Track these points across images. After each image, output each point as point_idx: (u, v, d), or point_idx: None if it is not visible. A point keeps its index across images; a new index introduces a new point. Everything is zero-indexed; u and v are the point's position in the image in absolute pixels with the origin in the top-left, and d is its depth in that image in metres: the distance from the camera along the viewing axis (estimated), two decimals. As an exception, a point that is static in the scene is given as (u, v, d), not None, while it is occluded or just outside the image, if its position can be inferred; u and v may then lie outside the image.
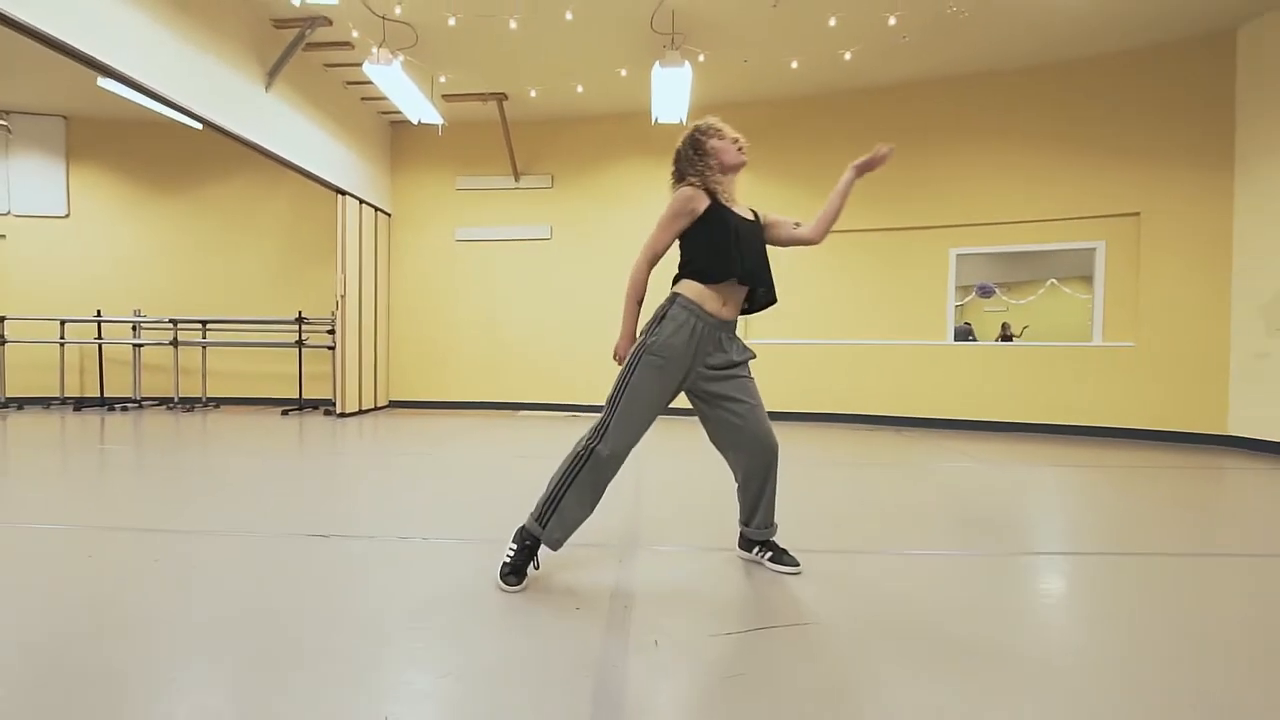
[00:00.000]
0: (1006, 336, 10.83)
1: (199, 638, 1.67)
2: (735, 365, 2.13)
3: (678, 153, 2.19)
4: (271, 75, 5.37)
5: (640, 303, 2.13)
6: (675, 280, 2.14)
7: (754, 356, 2.21)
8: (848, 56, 5.41)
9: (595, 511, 2.06)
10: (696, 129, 2.18)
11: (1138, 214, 5.76)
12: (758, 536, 2.23)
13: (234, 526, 2.66)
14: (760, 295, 2.22)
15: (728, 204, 2.14)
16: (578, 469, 1.98)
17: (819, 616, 1.84)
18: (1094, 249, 5.98)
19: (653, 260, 2.12)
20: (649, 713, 1.37)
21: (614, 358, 2.14)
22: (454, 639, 1.69)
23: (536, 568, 2.04)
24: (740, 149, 2.21)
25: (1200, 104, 5.49)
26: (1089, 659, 1.62)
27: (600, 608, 1.88)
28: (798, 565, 2.15)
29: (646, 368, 2.01)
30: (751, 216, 2.23)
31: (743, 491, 2.21)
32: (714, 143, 2.15)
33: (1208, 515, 3.21)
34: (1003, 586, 2.13)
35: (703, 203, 2.08)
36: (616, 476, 2.05)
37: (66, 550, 2.36)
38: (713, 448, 2.26)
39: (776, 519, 2.24)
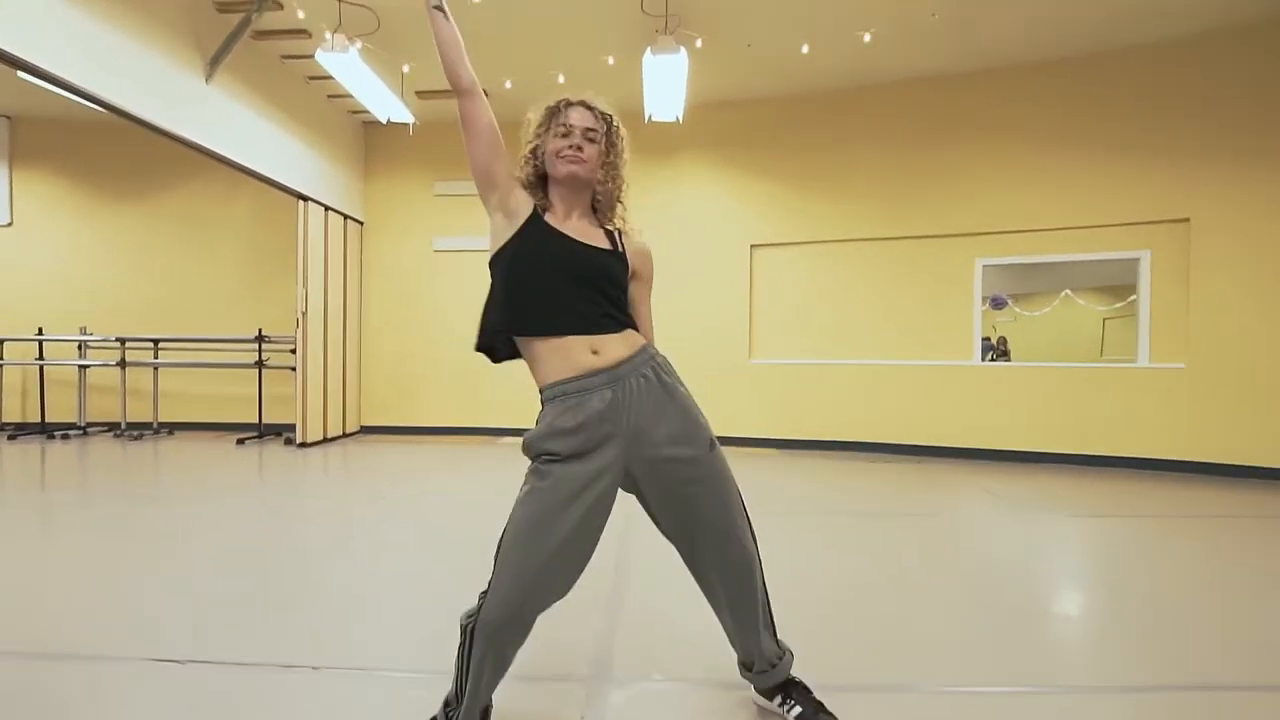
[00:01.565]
0: (1003, 352, 10.24)
1: None
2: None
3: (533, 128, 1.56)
4: (213, 65, 4.75)
5: None
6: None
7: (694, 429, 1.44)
8: (867, 39, 4.78)
9: (558, 621, 1.44)
10: (549, 110, 1.51)
11: (1187, 220, 5.14)
12: (766, 684, 1.56)
13: (101, 646, 2.02)
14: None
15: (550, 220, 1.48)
16: (472, 647, 1.34)
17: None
18: (1138, 259, 5.36)
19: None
20: None
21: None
22: None
23: None
24: (572, 153, 1.44)
25: (1259, 99, 4.88)
26: None
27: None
28: None
29: (536, 481, 1.41)
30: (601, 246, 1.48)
31: (722, 615, 1.55)
32: (551, 138, 1.48)
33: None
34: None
35: (521, 208, 1.49)
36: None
37: None
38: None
39: (785, 641, 1.59)
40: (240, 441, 6.25)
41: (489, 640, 1.30)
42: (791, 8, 4.63)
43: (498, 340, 1.50)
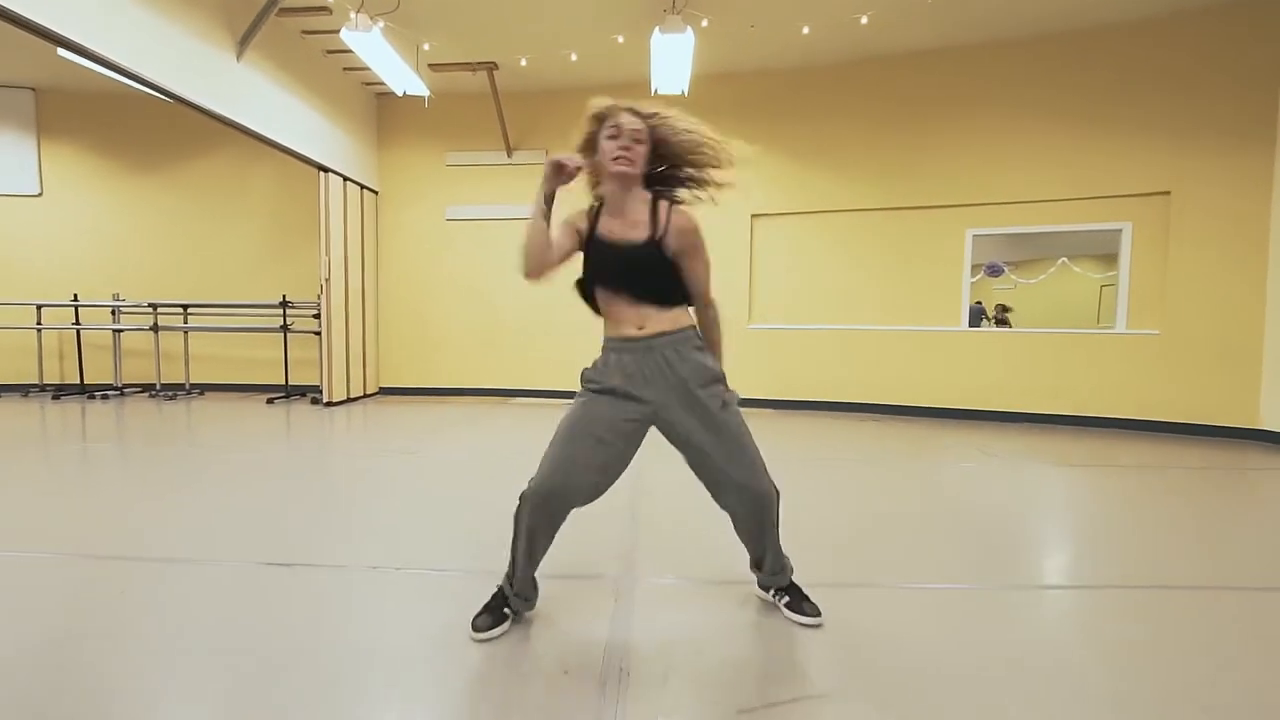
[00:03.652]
0: (1002, 320, 10.54)
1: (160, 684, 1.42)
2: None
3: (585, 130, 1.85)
4: (243, 44, 5.00)
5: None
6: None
7: (712, 379, 1.77)
8: (864, 21, 5.01)
9: (588, 534, 1.83)
10: (597, 116, 1.77)
11: (1168, 193, 5.41)
12: (767, 584, 1.96)
13: (206, 552, 2.40)
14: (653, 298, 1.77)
15: (606, 231, 1.78)
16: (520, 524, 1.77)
17: (831, 687, 1.58)
18: (1120, 230, 5.65)
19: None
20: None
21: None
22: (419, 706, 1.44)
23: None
24: (618, 155, 1.70)
25: (1238, 77, 5.10)
26: None
27: (592, 668, 1.62)
28: (818, 616, 1.85)
29: (583, 401, 1.80)
30: (643, 240, 1.73)
31: (739, 533, 1.92)
32: (601, 141, 1.75)
33: (1243, 533, 2.95)
34: (1016, 630, 1.87)
35: (580, 223, 1.82)
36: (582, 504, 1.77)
37: (28, 581, 2.11)
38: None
39: (790, 558, 1.96)
40: (270, 401, 6.64)
41: (535, 509, 1.69)
42: (792, -12, 4.85)
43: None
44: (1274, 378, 5.02)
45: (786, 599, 1.91)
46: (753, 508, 1.80)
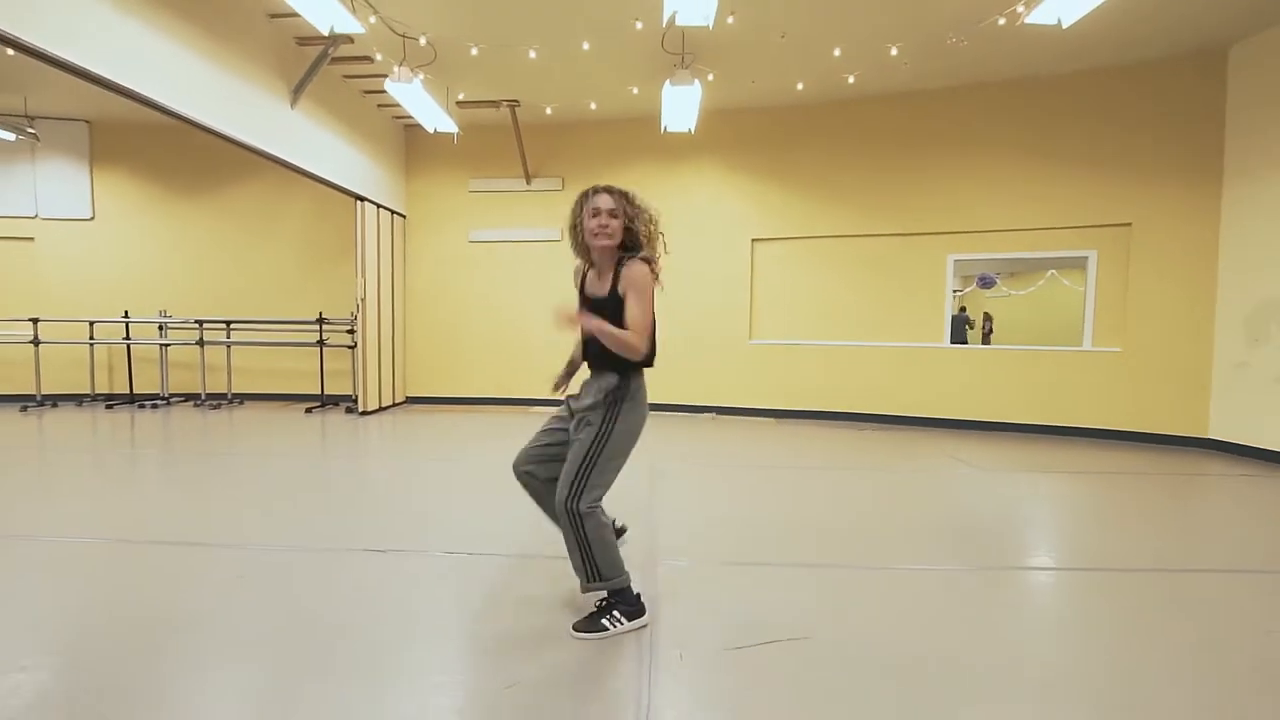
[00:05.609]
0: (989, 331, 11.07)
1: (283, 646, 1.98)
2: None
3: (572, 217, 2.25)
4: (296, 93, 5.58)
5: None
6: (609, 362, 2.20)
7: (586, 407, 2.23)
8: (851, 80, 5.62)
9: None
10: (580, 197, 2.21)
11: (1129, 224, 5.99)
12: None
13: (295, 541, 2.96)
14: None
15: (586, 284, 2.30)
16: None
17: (814, 631, 2.14)
18: (1086, 257, 6.22)
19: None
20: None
21: (565, 318, 2.13)
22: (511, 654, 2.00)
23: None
24: (598, 230, 2.13)
25: (1192, 119, 5.69)
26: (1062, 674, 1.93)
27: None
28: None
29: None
30: (606, 293, 2.19)
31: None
32: (585, 219, 2.19)
33: (1194, 525, 3.51)
34: (975, 603, 2.43)
35: (577, 279, 2.37)
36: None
37: (134, 566, 2.67)
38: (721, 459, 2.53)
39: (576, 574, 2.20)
40: (308, 410, 7.21)
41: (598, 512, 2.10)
42: (789, 56, 5.45)
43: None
44: (1222, 391, 5.58)
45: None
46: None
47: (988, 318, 10.84)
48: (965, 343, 7.81)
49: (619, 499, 2.36)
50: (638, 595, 2.20)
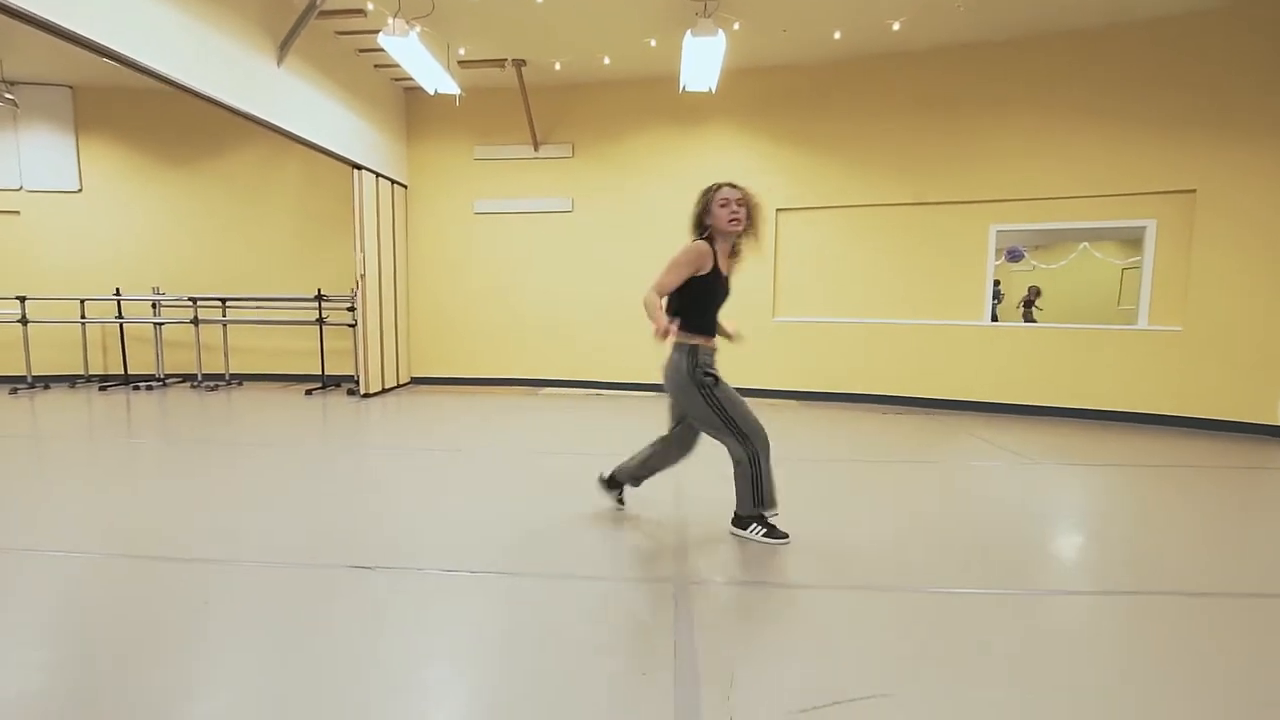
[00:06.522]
0: (1029, 301, 10.61)
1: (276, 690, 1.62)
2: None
3: (696, 207, 2.72)
4: (283, 49, 5.12)
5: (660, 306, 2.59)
6: (678, 320, 2.63)
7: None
8: (896, 27, 5.06)
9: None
10: (706, 191, 2.69)
11: (1193, 191, 5.45)
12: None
13: (278, 553, 2.61)
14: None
15: (719, 265, 2.66)
16: (762, 465, 2.67)
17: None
18: (1144, 227, 5.70)
19: (661, 295, 2.61)
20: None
21: (659, 335, 2.45)
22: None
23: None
24: (732, 218, 2.62)
25: (1265, 75, 5.11)
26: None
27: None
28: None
29: (719, 386, 2.68)
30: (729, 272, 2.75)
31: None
32: (715, 208, 2.65)
33: (1266, 537, 3.09)
34: (1016, 631, 2.04)
35: (708, 262, 2.62)
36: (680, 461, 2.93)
37: (95, 583, 2.32)
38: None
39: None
40: (308, 392, 6.87)
41: (768, 450, 2.69)
42: (826, -5, 4.90)
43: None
44: (1294, 375, 5.10)
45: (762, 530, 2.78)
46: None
47: (1034, 291, 10.35)
48: (995, 318, 7.33)
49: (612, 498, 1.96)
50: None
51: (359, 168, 6.45)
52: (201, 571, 2.45)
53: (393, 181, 7.17)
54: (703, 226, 2.68)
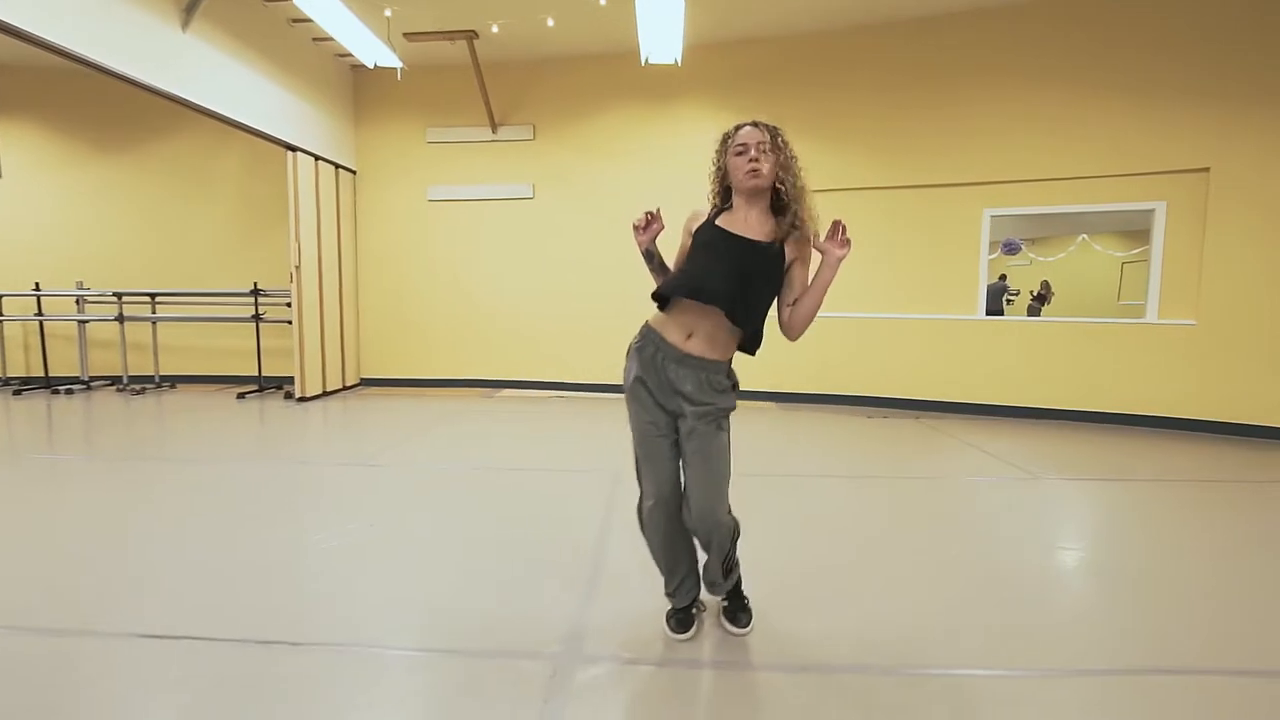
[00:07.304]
0: (1041, 296, 10.12)
1: None
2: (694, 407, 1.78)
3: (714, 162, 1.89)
4: (189, 11, 4.54)
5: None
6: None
7: (721, 407, 1.84)
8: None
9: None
10: (724, 137, 1.84)
11: (1206, 170, 4.93)
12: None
13: (177, 622, 2.05)
14: (738, 319, 1.78)
15: (726, 224, 1.79)
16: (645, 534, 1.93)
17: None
18: (1152, 210, 5.17)
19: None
20: None
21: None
22: None
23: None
24: (750, 167, 1.72)
25: (1292, 37, 4.59)
26: None
27: None
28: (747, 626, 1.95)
29: (629, 398, 1.86)
30: (766, 240, 1.78)
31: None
32: (731, 157, 1.79)
33: (1321, 566, 2.55)
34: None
35: (695, 223, 1.84)
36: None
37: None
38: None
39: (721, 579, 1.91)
40: (241, 396, 6.29)
41: (644, 525, 1.91)
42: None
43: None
44: (1321, 373, 4.58)
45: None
46: (701, 534, 1.84)
47: (1046, 286, 9.84)
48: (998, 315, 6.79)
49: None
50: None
51: (294, 149, 5.88)
52: (53, 649, 1.88)
53: (337, 166, 6.60)
54: (725, 189, 1.85)
